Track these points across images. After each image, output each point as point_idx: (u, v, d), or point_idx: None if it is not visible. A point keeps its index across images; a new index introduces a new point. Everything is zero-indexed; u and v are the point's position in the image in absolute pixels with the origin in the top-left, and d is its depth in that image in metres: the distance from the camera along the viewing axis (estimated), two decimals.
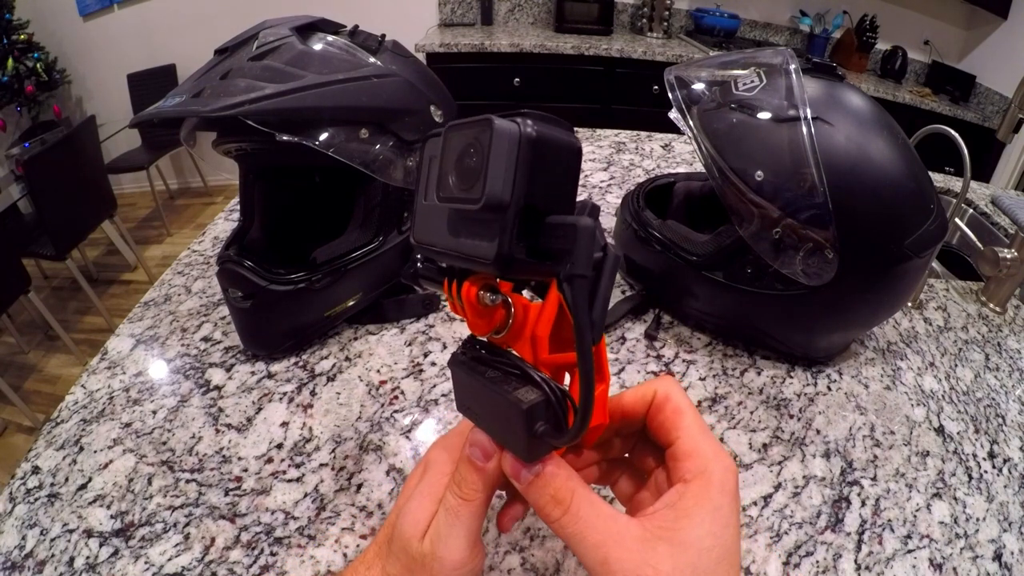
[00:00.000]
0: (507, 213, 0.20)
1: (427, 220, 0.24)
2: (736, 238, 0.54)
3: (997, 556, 0.45)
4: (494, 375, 0.25)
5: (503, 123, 0.20)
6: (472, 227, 0.22)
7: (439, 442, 0.31)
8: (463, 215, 0.22)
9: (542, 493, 0.25)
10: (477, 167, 0.20)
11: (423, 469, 0.30)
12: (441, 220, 0.23)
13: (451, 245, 0.23)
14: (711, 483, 0.25)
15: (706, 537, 0.23)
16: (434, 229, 0.24)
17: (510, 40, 2.32)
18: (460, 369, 0.26)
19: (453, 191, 0.22)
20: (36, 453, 0.50)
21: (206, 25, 2.84)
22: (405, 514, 0.28)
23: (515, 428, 0.23)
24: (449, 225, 0.23)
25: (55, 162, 1.94)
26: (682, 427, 0.27)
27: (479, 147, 0.21)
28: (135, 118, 0.49)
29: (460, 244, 0.22)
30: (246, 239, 0.60)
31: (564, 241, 0.20)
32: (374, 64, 0.56)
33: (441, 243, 0.23)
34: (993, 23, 2.29)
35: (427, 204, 0.24)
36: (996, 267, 0.72)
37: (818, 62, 0.56)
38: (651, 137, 1.17)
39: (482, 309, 0.24)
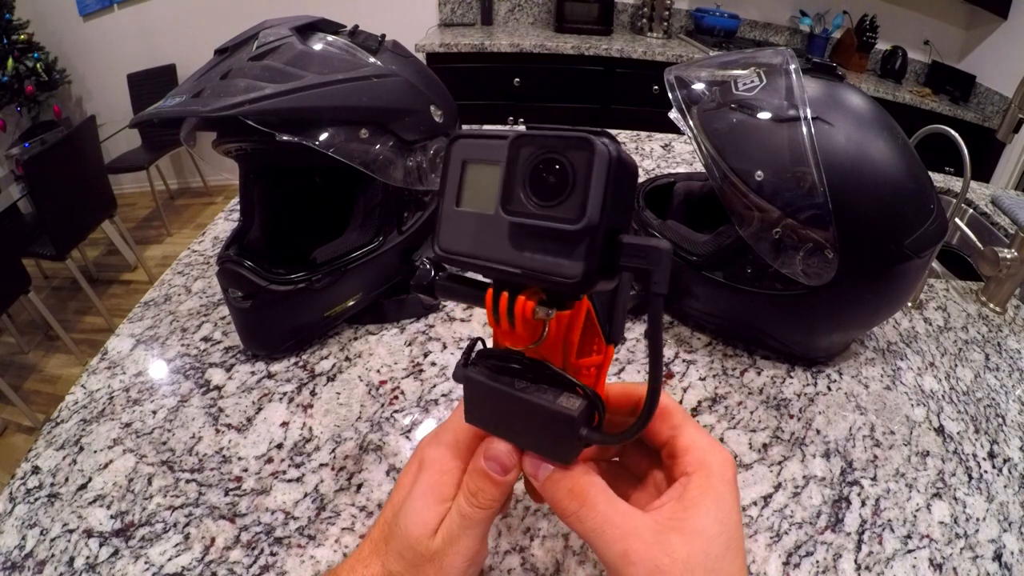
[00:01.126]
0: (597, 235, 0.20)
1: (461, 229, 0.23)
2: (736, 238, 0.54)
3: (997, 556, 0.45)
4: (523, 385, 0.25)
5: (601, 145, 0.20)
6: (547, 244, 0.21)
7: (431, 439, 0.30)
8: (536, 231, 0.21)
9: (559, 487, 0.25)
10: (563, 185, 0.20)
11: (417, 467, 0.29)
12: (494, 232, 0.22)
13: (511, 260, 0.22)
14: (712, 474, 0.26)
15: (713, 524, 0.24)
16: (478, 241, 0.23)
17: (510, 40, 2.32)
18: (479, 381, 0.25)
19: (528, 207, 0.21)
20: (36, 453, 0.50)
21: (206, 25, 2.84)
22: (410, 514, 0.28)
23: (556, 435, 0.24)
24: (513, 239, 0.22)
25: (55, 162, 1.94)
26: (675, 425, 0.28)
27: (570, 166, 0.20)
28: (135, 118, 0.49)
29: (528, 260, 0.22)
30: (246, 239, 0.60)
31: (641, 261, 0.21)
32: (374, 64, 0.56)
33: (494, 257, 0.22)
34: (993, 23, 2.29)
35: (462, 212, 0.23)
36: (996, 267, 0.72)
37: (818, 62, 0.56)
38: (651, 137, 1.17)
39: (532, 324, 0.23)
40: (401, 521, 0.28)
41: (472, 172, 0.23)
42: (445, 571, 0.27)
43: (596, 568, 0.42)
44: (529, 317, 0.23)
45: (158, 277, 0.73)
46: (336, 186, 0.63)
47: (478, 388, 0.26)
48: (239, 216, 0.61)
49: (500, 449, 0.27)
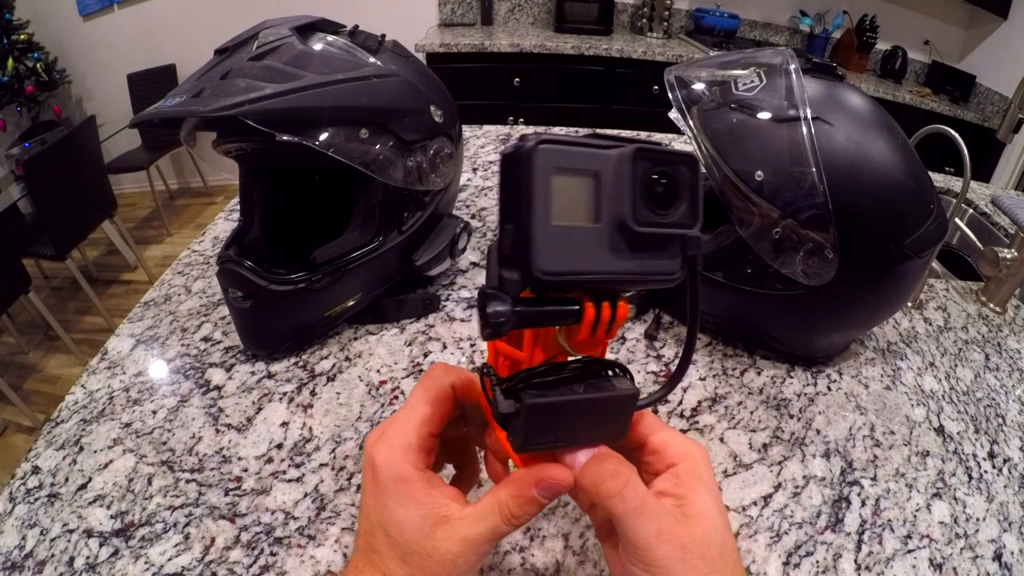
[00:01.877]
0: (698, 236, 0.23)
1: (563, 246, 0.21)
2: (736, 238, 0.54)
3: (997, 556, 0.45)
4: (580, 387, 0.26)
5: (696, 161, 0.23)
6: (651, 248, 0.23)
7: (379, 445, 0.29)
8: (651, 238, 0.23)
9: (602, 470, 0.26)
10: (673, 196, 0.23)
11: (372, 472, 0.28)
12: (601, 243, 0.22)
13: (627, 268, 0.23)
14: (696, 460, 0.28)
15: (712, 505, 0.27)
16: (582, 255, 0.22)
17: (510, 40, 2.32)
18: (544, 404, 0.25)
19: (652, 218, 0.22)
20: (36, 453, 0.50)
21: (206, 25, 2.84)
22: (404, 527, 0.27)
23: (617, 415, 0.27)
24: (624, 248, 0.22)
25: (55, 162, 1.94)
26: (648, 425, 0.30)
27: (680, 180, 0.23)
28: (135, 118, 0.49)
29: (635, 266, 0.23)
30: (246, 239, 0.60)
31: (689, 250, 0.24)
32: (374, 64, 0.56)
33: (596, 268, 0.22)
34: (993, 23, 2.29)
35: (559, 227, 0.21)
36: (996, 267, 0.72)
37: (818, 62, 0.56)
38: (651, 137, 1.17)
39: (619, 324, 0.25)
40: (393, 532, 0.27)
41: (563, 184, 0.21)
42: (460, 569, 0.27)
43: (596, 568, 0.42)
44: (625, 318, 0.25)
45: (158, 277, 0.73)
46: (336, 186, 0.63)
47: (542, 411, 0.25)
48: (239, 216, 0.61)
49: (556, 475, 0.27)
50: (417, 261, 0.63)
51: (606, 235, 0.22)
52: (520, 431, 0.25)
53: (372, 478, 0.28)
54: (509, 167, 0.22)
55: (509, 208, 0.22)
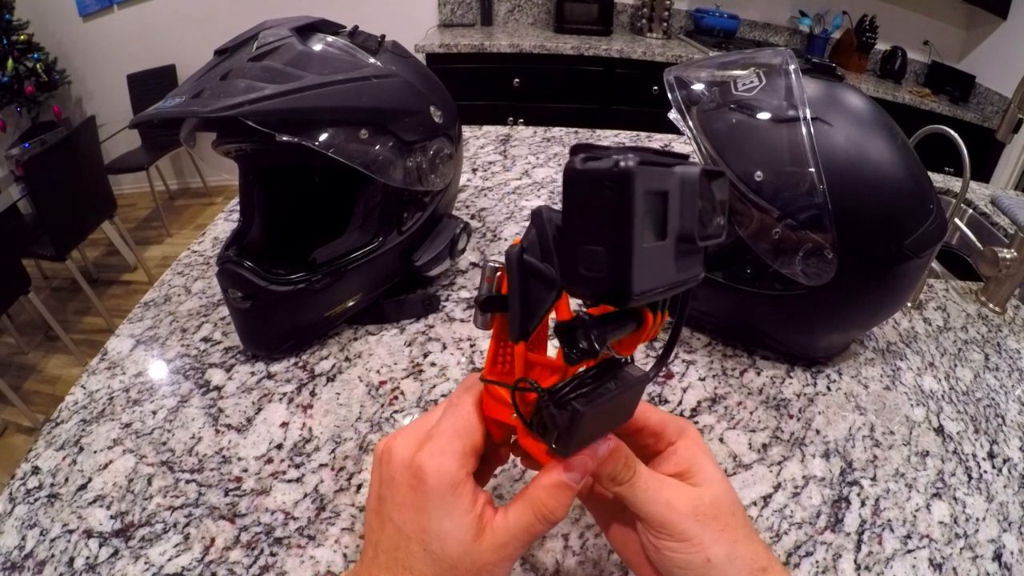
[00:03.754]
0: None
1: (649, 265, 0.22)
2: (736, 238, 0.54)
3: (997, 556, 0.45)
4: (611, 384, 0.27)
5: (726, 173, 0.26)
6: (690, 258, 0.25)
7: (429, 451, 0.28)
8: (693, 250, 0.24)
9: (615, 461, 0.28)
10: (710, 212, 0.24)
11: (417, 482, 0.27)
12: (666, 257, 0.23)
13: (675, 279, 0.24)
14: (691, 436, 0.32)
15: (713, 472, 0.30)
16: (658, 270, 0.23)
17: (510, 41, 2.32)
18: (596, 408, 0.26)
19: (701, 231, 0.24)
20: (36, 453, 0.50)
21: (206, 25, 2.84)
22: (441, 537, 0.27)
23: (633, 401, 0.29)
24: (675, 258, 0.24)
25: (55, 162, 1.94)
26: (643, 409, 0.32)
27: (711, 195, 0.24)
28: (135, 119, 0.49)
29: (682, 275, 0.25)
30: (246, 239, 0.60)
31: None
32: (374, 65, 0.56)
33: (667, 281, 0.24)
34: (993, 23, 2.29)
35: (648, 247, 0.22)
36: (996, 267, 0.72)
37: (817, 62, 0.57)
38: (651, 137, 1.17)
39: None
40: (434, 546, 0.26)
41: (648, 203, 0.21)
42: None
43: (596, 568, 0.42)
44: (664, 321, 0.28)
45: (158, 277, 0.73)
46: (336, 187, 0.63)
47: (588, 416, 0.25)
48: (239, 216, 0.61)
49: (579, 459, 0.27)
50: (417, 261, 0.63)
51: (672, 250, 0.23)
52: (571, 437, 0.26)
53: (415, 487, 0.27)
54: (590, 185, 0.21)
55: (589, 229, 0.22)
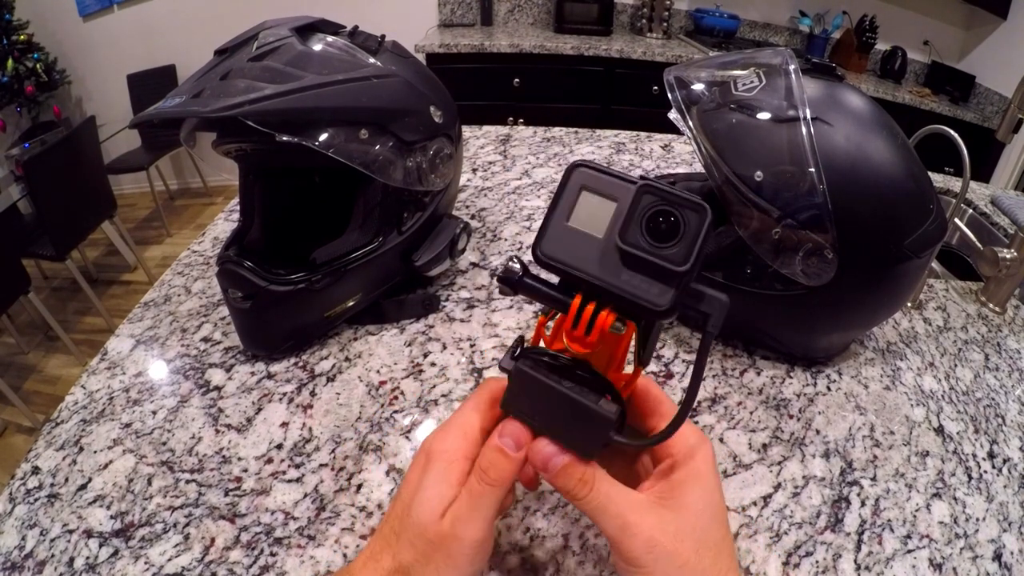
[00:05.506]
0: (690, 277, 0.25)
1: (565, 242, 0.27)
2: (736, 238, 0.54)
3: (997, 556, 0.45)
4: (571, 385, 0.28)
5: (709, 211, 0.25)
6: (644, 274, 0.26)
7: (438, 434, 0.32)
8: (640, 263, 0.26)
9: (571, 476, 0.28)
10: (673, 233, 0.25)
11: (425, 460, 0.31)
12: (598, 253, 0.26)
13: (612, 280, 0.26)
14: (695, 456, 0.29)
15: (698, 502, 0.28)
16: (579, 255, 0.27)
17: (510, 40, 2.32)
18: (529, 374, 0.29)
19: (642, 243, 0.26)
20: (36, 453, 0.50)
21: (206, 25, 2.84)
22: (420, 502, 0.29)
23: (589, 431, 0.28)
24: (616, 263, 0.26)
25: (55, 162, 1.94)
26: (664, 413, 0.31)
27: (685, 222, 0.25)
28: (135, 119, 0.49)
29: (626, 283, 0.26)
30: (246, 239, 0.60)
31: (707, 307, 0.26)
32: (374, 65, 0.56)
33: (594, 273, 0.26)
34: (993, 23, 2.29)
35: (570, 227, 0.27)
36: (996, 267, 0.72)
37: (817, 62, 0.56)
38: (651, 137, 1.17)
39: (605, 334, 0.27)
40: (412, 511, 0.29)
41: (586, 198, 0.27)
42: (453, 557, 0.28)
43: (596, 568, 0.42)
44: (606, 329, 0.27)
45: (158, 278, 0.73)
46: (336, 187, 0.63)
47: (525, 379, 0.29)
48: (239, 216, 0.61)
49: (517, 428, 0.29)
50: (417, 261, 0.63)
51: (602, 247, 0.26)
52: (508, 389, 0.30)
53: (422, 466, 0.30)
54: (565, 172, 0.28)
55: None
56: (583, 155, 1.07)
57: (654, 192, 0.26)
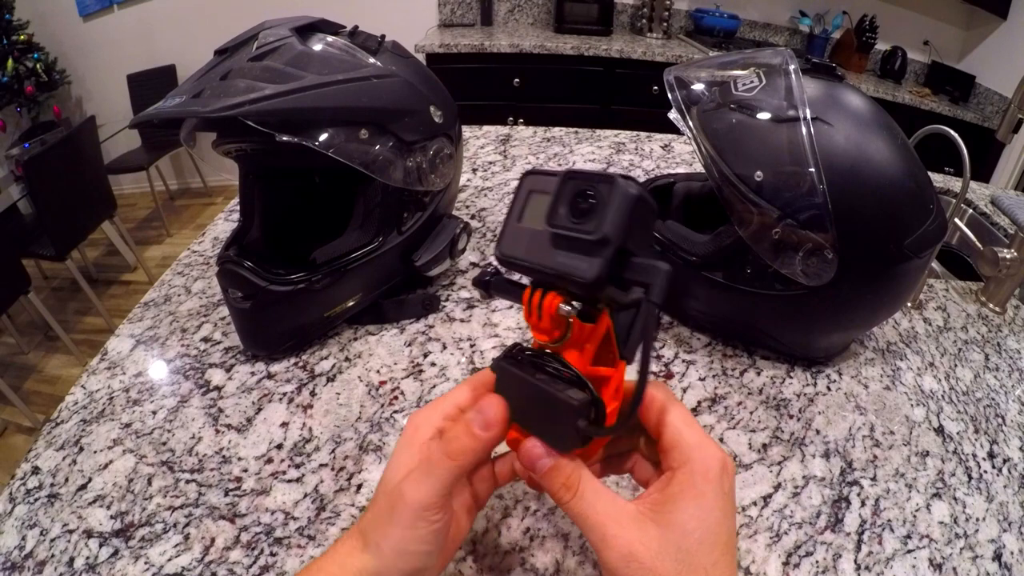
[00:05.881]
0: (612, 247, 0.26)
1: (518, 239, 0.29)
2: (736, 238, 0.54)
3: (997, 556, 0.45)
4: (543, 377, 0.29)
5: (623, 181, 0.26)
6: (578, 250, 0.27)
7: (420, 409, 0.33)
8: (568, 241, 0.27)
9: (555, 479, 0.28)
10: (592, 210, 0.26)
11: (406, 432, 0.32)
12: (541, 241, 0.28)
13: (547, 262, 0.28)
14: (694, 472, 0.27)
15: (690, 520, 0.26)
16: (527, 247, 0.29)
17: (510, 40, 2.32)
18: (509, 369, 0.30)
19: (565, 222, 0.27)
20: (36, 453, 0.50)
21: (206, 25, 2.84)
22: (387, 469, 0.30)
23: (560, 421, 0.28)
24: (550, 247, 0.28)
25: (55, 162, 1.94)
26: (666, 422, 0.30)
27: (598, 195, 0.26)
28: (135, 119, 0.49)
29: (559, 263, 0.27)
30: (246, 239, 0.60)
31: (646, 276, 0.26)
32: (374, 65, 0.56)
33: (535, 259, 0.28)
34: (993, 23, 2.29)
35: (521, 226, 0.30)
36: (996, 267, 0.72)
37: (817, 62, 0.56)
38: (651, 137, 1.17)
39: (556, 319, 0.28)
40: (382, 477, 0.30)
41: (533, 200, 0.30)
42: (396, 515, 0.28)
43: (596, 569, 0.42)
44: (553, 312, 0.28)
45: (158, 278, 0.73)
46: (336, 187, 0.63)
47: (505, 375, 0.31)
48: (239, 216, 0.61)
49: (494, 409, 0.29)
50: (417, 261, 0.63)
51: (541, 236, 0.28)
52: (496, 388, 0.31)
53: (406, 436, 0.32)
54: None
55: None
56: (583, 155, 1.07)
57: (575, 176, 0.28)
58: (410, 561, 0.28)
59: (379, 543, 0.28)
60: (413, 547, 0.28)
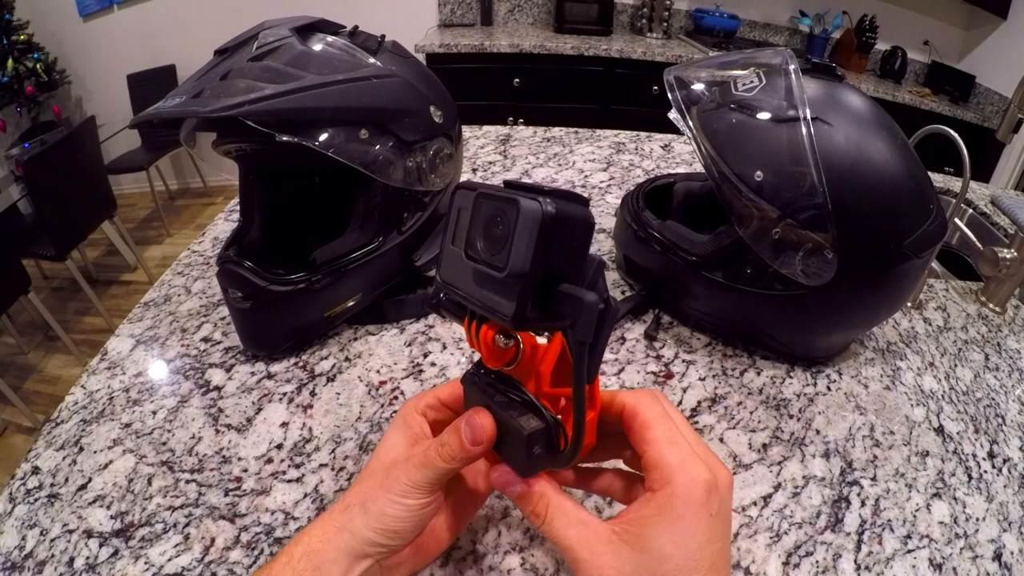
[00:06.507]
0: (526, 282, 0.23)
1: (452, 264, 0.27)
2: (736, 238, 0.54)
3: (997, 556, 0.45)
4: (501, 400, 0.28)
5: (528, 203, 0.22)
6: (495, 285, 0.24)
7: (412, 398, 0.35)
8: (485, 275, 0.24)
9: (524, 506, 0.30)
10: (503, 237, 0.23)
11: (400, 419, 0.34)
12: (466, 270, 0.26)
13: (474, 294, 0.25)
14: (674, 495, 0.26)
15: (666, 545, 0.25)
16: (459, 274, 0.26)
17: (510, 40, 2.32)
18: (471, 388, 0.30)
19: (480, 254, 0.24)
20: (36, 453, 0.50)
21: (206, 25, 2.84)
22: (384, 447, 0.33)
23: (516, 448, 0.27)
24: (475, 277, 0.25)
25: (55, 162, 1.94)
26: (649, 440, 0.28)
27: (506, 220, 0.23)
28: (135, 119, 0.49)
29: (483, 296, 0.25)
30: (246, 239, 0.60)
31: (572, 309, 0.23)
32: (374, 65, 0.56)
33: (465, 289, 0.26)
34: (993, 23, 2.29)
35: (454, 250, 0.27)
36: (996, 267, 0.72)
37: (817, 62, 0.56)
38: (651, 137, 1.17)
39: (496, 349, 0.27)
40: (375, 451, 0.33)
41: (461, 218, 0.27)
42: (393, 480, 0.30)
43: None
44: (490, 343, 0.26)
45: (158, 278, 0.73)
46: (336, 187, 0.63)
47: (469, 394, 0.31)
48: (239, 216, 0.61)
49: (481, 422, 0.29)
50: (417, 261, 0.63)
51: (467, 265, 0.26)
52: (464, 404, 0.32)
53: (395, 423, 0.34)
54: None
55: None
56: (583, 155, 1.07)
57: (487, 197, 0.24)
58: (389, 524, 0.30)
59: (366, 504, 0.30)
60: (395, 513, 0.30)
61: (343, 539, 0.29)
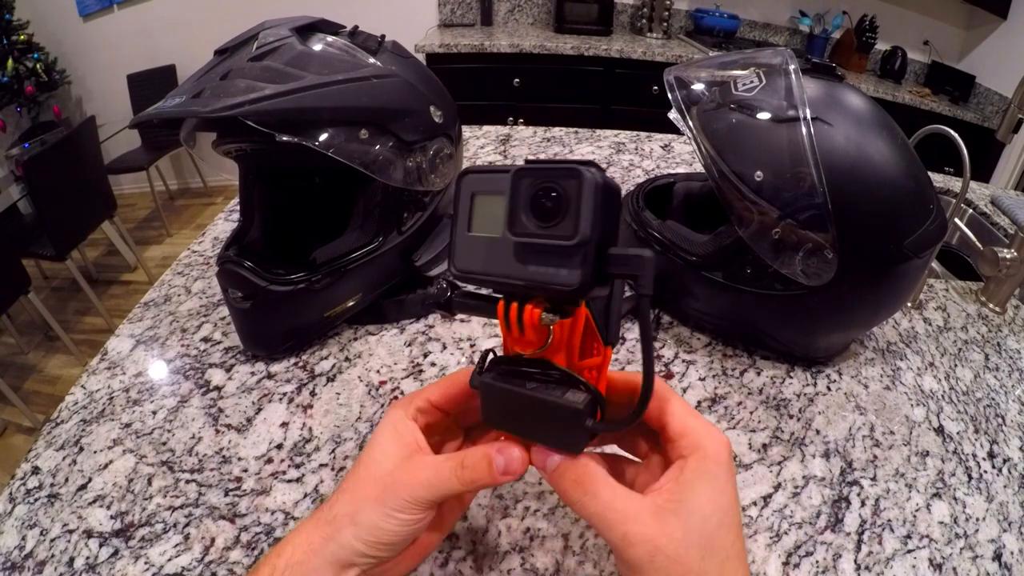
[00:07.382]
0: (591, 248, 0.24)
1: (472, 251, 0.27)
2: (736, 238, 0.54)
3: (997, 556, 0.45)
4: (534, 385, 0.28)
5: (588, 173, 0.24)
6: (550, 258, 0.25)
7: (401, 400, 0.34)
8: (539, 249, 0.25)
9: (565, 479, 0.28)
10: (558, 208, 0.24)
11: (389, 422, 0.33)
12: (502, 250, 0.26)
13: (517, 273, 0.25)
14: (707, 456, 0.28)
15: (707, 504, 0.26)
16: (488, 259, 0.26)
17: (510, 40, 2.32)
18: (495, 386, 0.29)
19: (530, 227, 0.25)
20: (36, 453, 0.50)
21: (206, 25, 2.84)
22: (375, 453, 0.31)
23: (565, 427, 0.27)
24: (517, 255, 0.25)
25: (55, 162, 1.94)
26: (670, 412, 0.30)
27: (563, 191, 0.24)
28: (135, 119, 0.49)
29: (531, 273, 0.25)
30: (246, 239, 0.60)
31: (628, 268, 0.24)
32: (374, 65, 0.56)
33: (500, 271, 0.26)
34: (993, 23, 2.29)
35: (473, 236, 0.27)
36: (996, 267, 0.72)
37: (817, 62, 0.56)
38: (651, 137, 1.17)
39: (540, 329, 0.27)
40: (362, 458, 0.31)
41: (480, 202, 0.27)
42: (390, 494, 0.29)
43: (596, 568, 0.42)
44: (536, 323, 0.26)
45: (158, 278, 0.73)
46: (336, 187, 0.63)
47: (493, 392, 0.29)
48: (239, 216, 0.61)
49: (515, 455, 0.29)
50: (417, 261, 0.63)
51: (503, 245, 0.26)
52: (483, 405, 0.30)
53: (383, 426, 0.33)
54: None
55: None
56: (583, 155, 1.07)
57: (528, 172, 0.25)
58: (381, 537, 0.29)
59: (356, 515, 0.29)
60: (390, 527, 0.29)
61: (329, 550, 0.29)
